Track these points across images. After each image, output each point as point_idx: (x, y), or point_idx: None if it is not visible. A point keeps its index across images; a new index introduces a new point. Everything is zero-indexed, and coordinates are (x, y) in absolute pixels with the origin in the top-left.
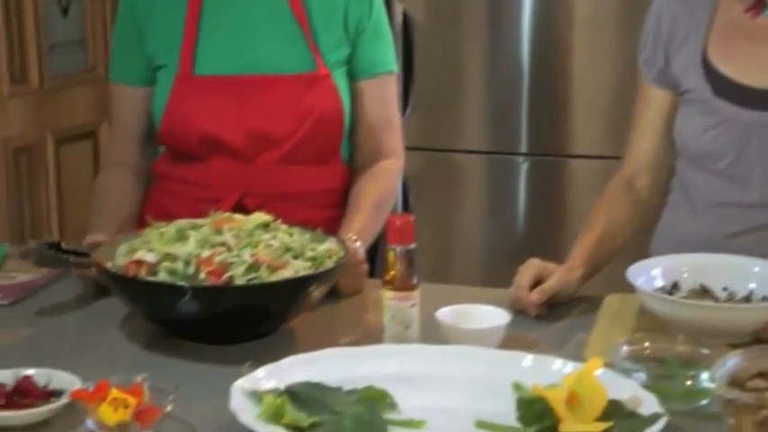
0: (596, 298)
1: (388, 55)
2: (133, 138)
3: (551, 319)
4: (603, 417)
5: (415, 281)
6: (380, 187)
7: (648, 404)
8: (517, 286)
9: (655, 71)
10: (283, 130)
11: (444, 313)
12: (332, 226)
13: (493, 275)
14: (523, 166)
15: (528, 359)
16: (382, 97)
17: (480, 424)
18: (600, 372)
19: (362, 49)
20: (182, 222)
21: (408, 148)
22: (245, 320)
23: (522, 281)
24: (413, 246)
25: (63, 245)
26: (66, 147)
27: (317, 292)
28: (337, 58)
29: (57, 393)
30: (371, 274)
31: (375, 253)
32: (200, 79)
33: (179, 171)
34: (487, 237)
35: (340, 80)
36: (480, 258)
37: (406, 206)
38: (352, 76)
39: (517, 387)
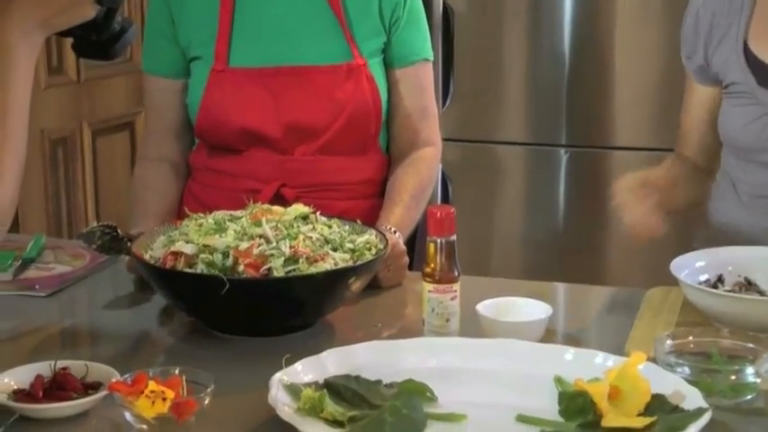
0: (639, 291)
1: (423, 43)
2: (169, 131)
3: (593, 312)
4: (646, 411)
5: (455, 273)
6: (418, 177)
7: (692, 399)
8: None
9: (695, 68)
10: (320, 122)
11: (485, 306)
12: (370, 217)
13: (533, 268)
14: (564, 158)
15: (570, 353)
16: (418, 86)
17: (521, 418)
18: (643, 366)
19: (398, 37)
20: (220, 214)
21: (448, 140)
22: (283, 313)
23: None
24: (453, 237)
25: (119, 231)
26: (102, 138)
27: (356, 285)
28: (373, 47)
29: (94, 386)
30: (411, 266)
31: (413, 244)
32: (235, 71)
33: (216, 163)
34: (528, 229)
35: (376, 69)
36: (520, 251)
37: (446, 198)
38: (388, 65)
39: (559, 381)
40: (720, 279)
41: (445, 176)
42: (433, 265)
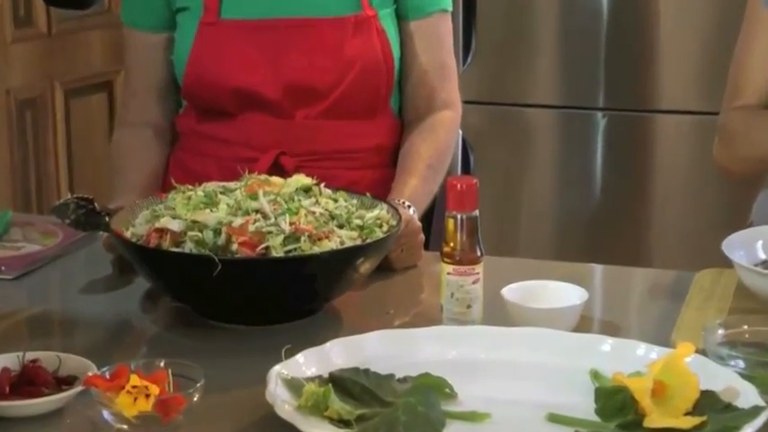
0: (687, 274)
1: None
2: (152, 92)
3: (635, 297)
4: (695, 410)
5: (478, 253)
6: (436, 144)
7: (747, 396)
8: None
9: None
10: (325, 81)
11: (511, 291)
12: (381, 189)
13: (566, 247)
14: (601, 123)
15: (608, 343)
16: (435, 40)
17: (552, 417)
18: (691, 358)
19: None
20: (211, 186)
21: (469, 102)
22: (282, 298)
23: None
24: (476, 213)
25: (97, 205)
26: (77, 99)
27: (365, 267)
28: None
29: (68, 380)
30: (427, 245)
31: (430, 221)
32: (228, 24)
33: (206, 128)
34: (560, 203)
35: (387, 22)
36: (552, 228)
37: (467, 168)
38: (401, 16)
39: (595, 375)
40: None
41: (466, 144)
42: (452, 244)
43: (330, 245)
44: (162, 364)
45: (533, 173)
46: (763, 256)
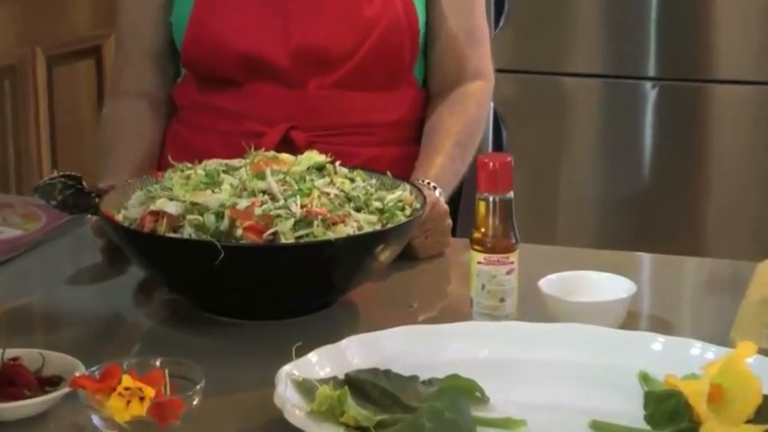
0: (747, 264)
1: None
2: (148, 58)
3: (688, 290)
4: (756, 417)
5: (512, 240)
6: (465, 118)
7: None
8: None
9: None
10: (341, 47)
11: (550, 282)
12: (404, 168)
13: (611, 233)
14: (651, 94)
15: (658, 342)
16: (465, 1)
17: (596, 425)
18: (752, 359)
19: None
20: (212, 164)
21: (502, 71)
22: (293, 290)
23: None
24: (510, 194)
25: (85, 184)
26: (61, 67)
27: (385, 255)
28: None
29: (53, 381)
30: (454, 231)
31: (458, 203)
32: None
33: (208, 99)
34: (604, 184)
35: None
36: (595, 212)
37: (500, 144)
38: None
39: (644, 378)
40: None
41: (498, 117)
42: (483, 230)
43: (346, 230)
44: (158, 363)
45: (573, 150)
46: None
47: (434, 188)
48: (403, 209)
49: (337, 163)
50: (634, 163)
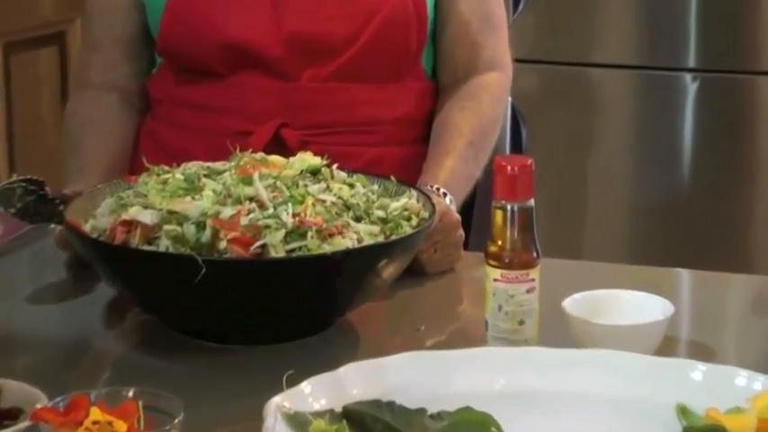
0: None
1: None
2: (119, 45)
3: (733, 312)
4: None
5: (533, 254)
6: (479, 115)
7: None
8: None
9: None
10: (339, 34)
11: (575, 302)
12: (410, 171)
13: (645, 246)
14: (691, 88)
15: (699, 370)
16: None
17: None
18: None
19: None
20: (193, 167)
21: (521, 61)
22: (283, 311)
23: None
24: (531, 202)
25: (47, 190)
26: (20, 55)
27: (389, 271)
28: None
29: (11, 414)
30: (467, 243)
31: (471, 212)
32: None
33: (187, 93)
34: (637, 189)
35: None
36: (626, 221)
37: (518, 144)
38: None
39: (683, 411)
40: None
41: (517, 114)
42: (500, 243)
43: (344, 243)
44: (130, 393)
45: (602, 151)
46: None
47: (444, 195)
48: (409, 218)
49: (334, 166)
50: (672, 165)
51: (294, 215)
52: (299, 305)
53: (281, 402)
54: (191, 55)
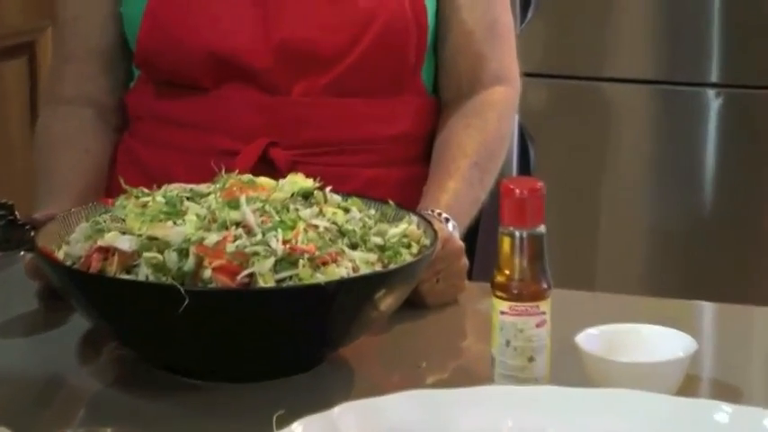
0: None
1: None
2: (94, 57)
3: (761, 348)
4: None
5: (544, 285)
6: (484, 133)
7: None
8: None
9: None
10: (332, 44)
11: (589, 338)
12: (410, 194)
13: (665, 276)
14: (714, 104)
15: (724, 411)
16: None
17: None
18: None
19: None
20: (174, 189)
21: (529, 75)
22: (272, 345)
23: None
24: (541, 228)
25: (17, 214)
26: None
27: (387, 302)
28: None
29: None
30: (470, 273)
31: (476, 240)
32: None
33: (167, 108)
34: (656, 213)
35: None
36: (644, 249)
37: (526, 165)
38: None
39: None
40: None
41: (524, 132)
42: (508, 273)
43: (339, 272)
44: None
45: (618, 173)
46: None
47: (447, 220)
48: (408, 246)
49: (328, 189)
50: (693, 188)
51: (284, 242)
52: (289, 339)
53: None
54: (171, 66)
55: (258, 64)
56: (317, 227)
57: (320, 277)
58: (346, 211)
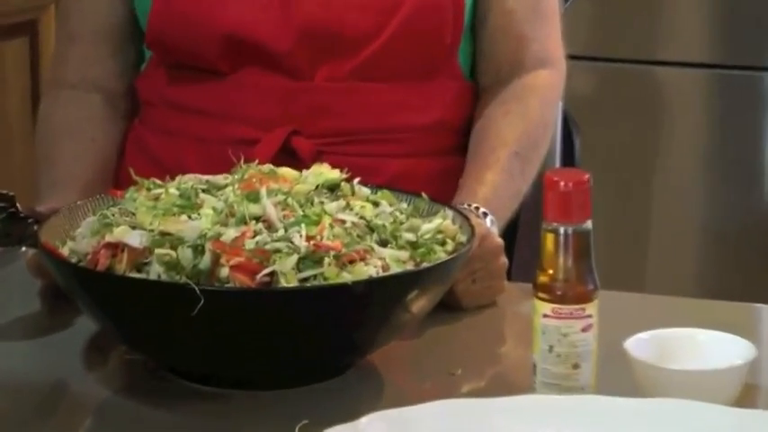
0: None
1: None
2: (101, 38)
3: None
4: None
5: (590, 286)
6: (525, 120)
7: None
8: None
9: None
10: (360, 26)
11: (639, 343)
12: (445, 187)
13: (721, 277)
14: None
15: None
16: None
17: None
18: None
19: None
20: (189, 180)
21: (573, 57)
22: (296, 350)
23: None
24: (588, 224)
25: (18, 206)
26: None
27: (419, 304)
28: None
29: None
30: (510, 272)
31: (515, 236)
32: None
33: (181, 94)
34: (712, 208)
35: None
36: (698, 247)
37: (571, 156)
38: None
39: None
40: None
41: (569, 120)
42: (551, 272)
43: (367, 270)
44: None
45: (670, 163)
46: None
47: (485, 215)
48: (443, 243)
49: (355, 180)
50: (751, 181)
51: (308, 238)
52: (313, 344)
53: None
54: (185, 48)
55: (279, 46)
56: (343, 222)
57: (347, 276)
58: (376, 204)
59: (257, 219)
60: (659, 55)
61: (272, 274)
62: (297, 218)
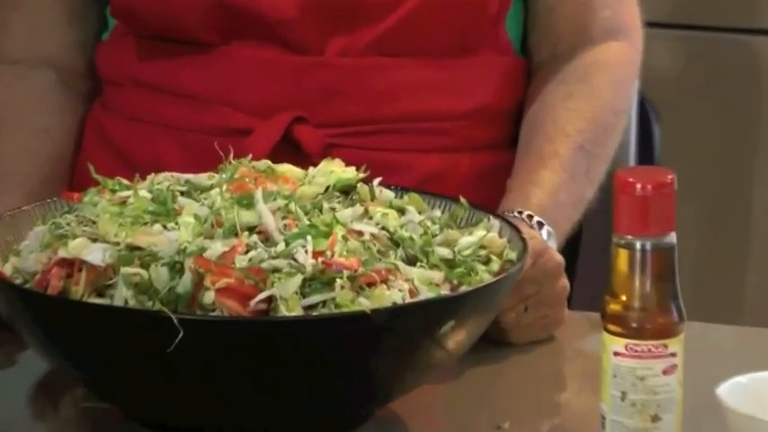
0: None
1: None
2: (54, 3)
3: None
4: None
5: (674, 317)
6: (592, 106)
7: None
8: None
9: None
10: None
11: (735, 389)
12: (489, 189)
13: None
14: None
15: None
16: None
17: None
18: None
19: None
20: (164, 180)
21: (652, 24)
22: (299, 395)
23: None
24: (672, 238)
25: None
26: None
27: (457, 338)
28: None
29: None
30: (571, 299)
31: (578, 252)
32: None
33: (155, 71)
34: None
35: None
36: None
37: (649, 150)
38: None
39: None
40: None
41: (647, 105)
42: (625, 299)
43: (390, 296)
44: None
45: None
46: None
47: (540, 225)
48: (487, 261)
49: (376, 181)
50: None
51: (316, 254)
52: (322, 388)
53: None
54: (161, 15)
55: (281, 13)
56: (360, 234)
57: (365, 303)
58: (401, 211)
59: (251, 229)
60: (760, 22)
61: (270, 299)
62: (301, 228)
